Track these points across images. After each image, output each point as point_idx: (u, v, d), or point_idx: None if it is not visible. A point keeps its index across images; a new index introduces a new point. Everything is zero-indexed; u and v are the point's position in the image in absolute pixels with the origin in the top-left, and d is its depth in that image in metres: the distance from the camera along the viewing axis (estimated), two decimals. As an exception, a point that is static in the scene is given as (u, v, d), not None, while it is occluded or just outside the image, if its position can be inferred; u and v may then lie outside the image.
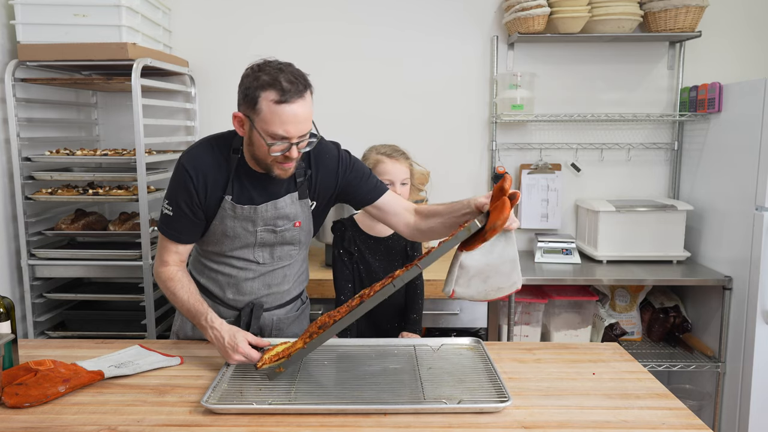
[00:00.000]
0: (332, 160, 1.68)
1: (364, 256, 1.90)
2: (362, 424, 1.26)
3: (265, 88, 1.44)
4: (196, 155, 1.61)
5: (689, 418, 1.29)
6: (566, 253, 2.79)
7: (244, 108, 1.50)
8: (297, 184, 1.64)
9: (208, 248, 1.71)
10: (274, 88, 1.43)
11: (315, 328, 1.44)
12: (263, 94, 1.44)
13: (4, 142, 2.42)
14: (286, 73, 1.46)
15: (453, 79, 2.98)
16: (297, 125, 1.45)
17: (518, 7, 2.68)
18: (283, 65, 1.49)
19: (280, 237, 1.66)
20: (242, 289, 1.72)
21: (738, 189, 2.49)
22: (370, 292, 1.41)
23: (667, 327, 2.85)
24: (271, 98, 1.43)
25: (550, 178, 2.97)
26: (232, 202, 1.59)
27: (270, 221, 1.63)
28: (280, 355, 1.45)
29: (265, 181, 1.61)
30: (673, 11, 2.67)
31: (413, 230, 1.69)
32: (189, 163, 1.59)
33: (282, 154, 1.49)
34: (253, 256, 1.68)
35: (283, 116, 1.43)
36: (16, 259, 2.48)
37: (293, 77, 1.45)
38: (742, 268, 2.45)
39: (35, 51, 2.37)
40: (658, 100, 2.98)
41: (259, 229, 1.63)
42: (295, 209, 1.64)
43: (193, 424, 1.26)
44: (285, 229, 1.65)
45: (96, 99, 2.98)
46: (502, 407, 1.30)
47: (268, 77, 1.44)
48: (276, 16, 2.94)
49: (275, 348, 1.52)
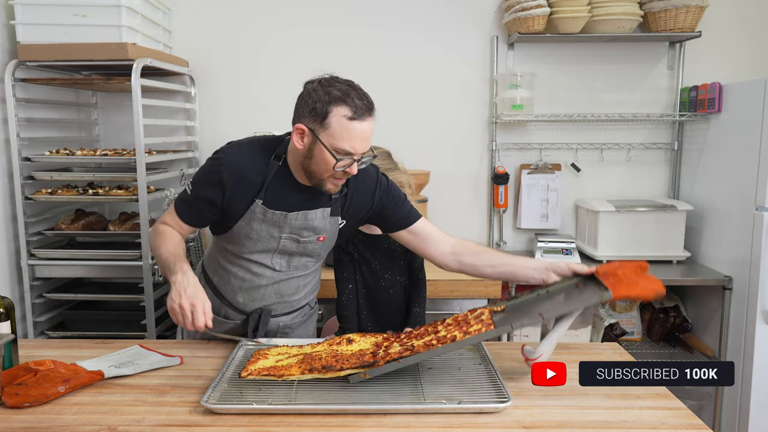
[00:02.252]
0: (371, 182, 1.69)
1: (364, 255, 1.90)
2: (362, 424, 1.25)
3: (338, 103, 1.45)
4: (236, 153, 1.60)
5: (689, 418, 1.29)
6: (566, 253, 2.79)
7: (308, 121, 1.49)
8: (331, 200, 1.64)
9: (227, 247, 1.69)
10: (346, 105, 1.45)
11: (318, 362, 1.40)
12: (335, 109, 1.45)
13: (4, 142, 2.42)
14: (357, 90, 1.48)
15: (453, 80, 2.98)
16: (364, 142, 1.49)
17: (518, 7, 2.68)
18: (350, 82, 1.51)
19: (301, 248, 1.66)
20: (254, 294, 1.71)
21: (738, 189, 2.49)
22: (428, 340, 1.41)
23: (667, 327, 2.85)
24: (343, 114, 1.45)
25: (550, 178, 2.97)
26: (264, 206, 1.58)
27: (296, 230, 1.62)
28: (269, 372, 1.41)
29: (300, 191, 1.61)
30: (673, 11, 2.67)
31: (450, 260, 1.71)
32: (226, 161, 1.58)
33: (343, 170, 1.50)
34: (270, 262, 1.68)
35: (354, 132, 1.46)
36: (16, 259, 2.47)
37: (362, 94, 1.48)
38: (742, 268, 2.45)
39: (35, 51, 2.37)
40: (658, 100, 2.98)
41: (284, 235, 1.62)
42: (323, 224, 1.64)
43: (193, 424, 1.26)
44: (308, 240, 1.65)
45: (96, 99, 2.98)
46: (502, 407, 1.30)
47: (340, 93, 1.46)
48: (276, 16, 2.94)
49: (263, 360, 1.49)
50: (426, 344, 1.38)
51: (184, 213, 1.65)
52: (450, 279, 2.44)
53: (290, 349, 1.56)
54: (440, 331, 1.43)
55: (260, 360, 1.50)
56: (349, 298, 1.89)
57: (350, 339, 1.53)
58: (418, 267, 1.96)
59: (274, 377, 1.40)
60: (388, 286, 1.91)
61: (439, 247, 1.71)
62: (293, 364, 1.43)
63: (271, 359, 1.50)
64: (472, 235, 3.08)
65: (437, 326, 1.48)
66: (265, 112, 2.96)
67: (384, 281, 1.90)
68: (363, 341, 1.52)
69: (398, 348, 1.41)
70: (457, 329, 1.41)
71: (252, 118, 2.94)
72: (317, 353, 1.47)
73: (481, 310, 1.49)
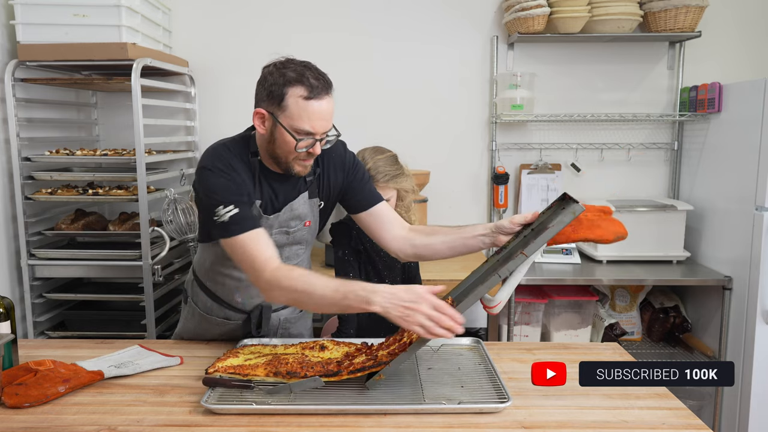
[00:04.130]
0: (339, 158, 1.68)
1: (370, 255, 1.89)
2: (362, 424, 1.26)
3: (293, 84, 1.44)
4: (221, 154, 1.54)
5: (689, 418, 1.29)
6: (566, 253, 2.79)
7: (267, 104, 1.49)
8: (307, 183, 1.63)
9: (220, 250, 1.60)
10: (302, 85, 1.43)
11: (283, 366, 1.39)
12: (291, 90, 1.44)
13: (4, 142, 2.41)
14: (312, 70, 1.47)
15: (453, 80, 2.98)
16: (323, 121, 1.46)
17: (518, 7, 2.68)
18: (306, 63, 1.50)
19: (291, 238, 1.66)
20: (251, 292, 1.69)
21: (738, 189, 2.49)
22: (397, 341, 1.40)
23: (667, 327, 2.85)
24: (299, 94, 1.43)
25: (550, 178, 2.97)
26: (260, 209, 1.56)
27: (284, 223, 1.62)
28: (235, 370, 1.40)
29: (282, 182, 1.59)
30: (673, 11, 2.67)
31: (403, 243, 1.66)
32: (220, 160, 1.52)
33: (306, 150, 1.48)
34: None
35: (311, 112, 1.44)
36: (16, 259, 2.47)
37: (318, 74, 1.47)
38: (742, 268, 2.45)
39: (35, 51, 2.37)
40: (658, 100, 2.98)
41: (275, 231, 1.61)
42: (306, 209, 1.64)
43: (193, 424, 1.26)
44: (297, 229, 1.65)
45: (96, 99, 2.98)
46: (502, 407, 1.30)
47: (295, 74, 1.45)
48: (276, 15, 2.94)
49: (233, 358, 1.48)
50: (390, 353, 1.36)
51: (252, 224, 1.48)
52: (450, 279, 2.43)
53: (263, 348, 1.56)
54: (404, 338, 1.40)
55: (230, 358, 1.49)
56: None
57: (323, 345, 1.53)
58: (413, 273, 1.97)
59: (240, 376, 1.40)
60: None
61: (394, 231, 1.67)
62: (260, 364, 1.43)
63: (241, 357, 1.50)
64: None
65: (402, 333, 1.43)
66: (265, 112, 2.96)
67: (386, 281, 1.91)
68: (335, 349, 1.51)
69: (363, 358, 1.39)
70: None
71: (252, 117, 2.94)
72: (285, 357, 1.47)
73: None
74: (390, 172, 1.86)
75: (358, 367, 1.35)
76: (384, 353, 1.38)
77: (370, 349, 1.47)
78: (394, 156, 1.95)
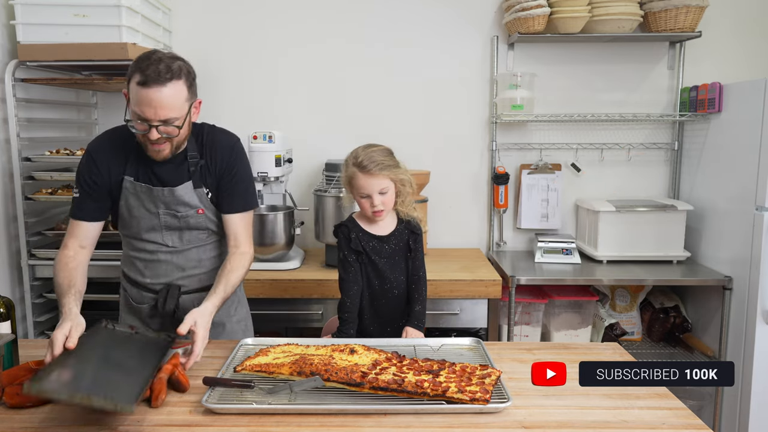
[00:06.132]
0: (224, 150, 1.76)
1: (370, 256, 1.89)
2: (362, 424, 1.25)
3: (134, 72, 1.55)
4: (99, 138, 1.77)
5: (689, 418, 1.29)
6: (566, 253, 2.79)
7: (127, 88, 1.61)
8: (190, 173, 1.72)
9: (125, 233, 1.80)
10: (139, 72, 1.54)
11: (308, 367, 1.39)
12: (132, 76, 1.56)
13: (4, 142, 2.42)
14: (155, 62, 1.54)
15: (453, 80, 2.98)
16: (151, 109, 1.54)
17: (518, 7, 2.68)
18: (162, 54, 1.59)
19: (184, 222, 1.75)
20: (156, 270, 1.79)
21: (738, 189, 2.49)
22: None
23: (667, 327, 2.85)
24: (135, 80, 1.54)
25: (550, 178, 2.97)
26: (132, 180, 1.70)
27: (171, 206, 1.72)
28: (261, 368, 1.43)
29: (162, 167, 1.70)
30: (673, 11, 2.67)
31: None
32: (91, 146, 1.73)
33: (143, 134, 1.59)
34: (162, 239, 1.76)
35: (141, 98, 1.54)
36: (16, 259, 2.47)
37: (158, 66, 1.54)
38: (742, 268, 2.45)
39: (35, 51, 2.37)
40: (658, 100, 2.98)
41: (161, 211, 1.72)
42: (193, 198, 1.73)
43: (193, 424, 1.26)
44: (187, 215, 1.74)
45: (96, 99, 2.98)
46: (502, 407, 1.30)
47: (138, 63, 1.56)
48: (276, 16, 2.94)
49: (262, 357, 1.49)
50: (417, 384, 1.34)
51: (76, 212, 1.73)
52: (450, 279, 2.44)
53: (294, 348, 1.56)
54: (440, 376, 1.38)
55: (259, 356, 1.50)
56: (353, 300, 1.88)
57: (353, 349, 1.51)
58: (419, 264, 1.95)
59: (266, 374, 1.41)
60: (393, 287, 1.90)
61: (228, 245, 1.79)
62: (286, 363, 1.43)
63: (270, 356, 1.50)
64: (472, 235, 3.08)
65: (444, 365, 1.43)
66: (264, 112, 2.96)
67: (389, 283, 1.90)
68: (365, 355, 1.49)
69: (390, 377, 1.36)
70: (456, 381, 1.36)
71: (252, 118, 2.95)
72: (312, 357, 1.46)
73: (490, 371, 1.42)
74: (384, 161, 1.82)
75: (382, 386, 1.33)
76: (412, 381, 1.35)
77: (401, 364, 1.44)
78: (389, 150, 1.90)
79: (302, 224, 2.66)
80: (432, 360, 1.46)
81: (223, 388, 1.38)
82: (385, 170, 1.82)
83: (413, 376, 1.38)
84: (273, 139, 2.53)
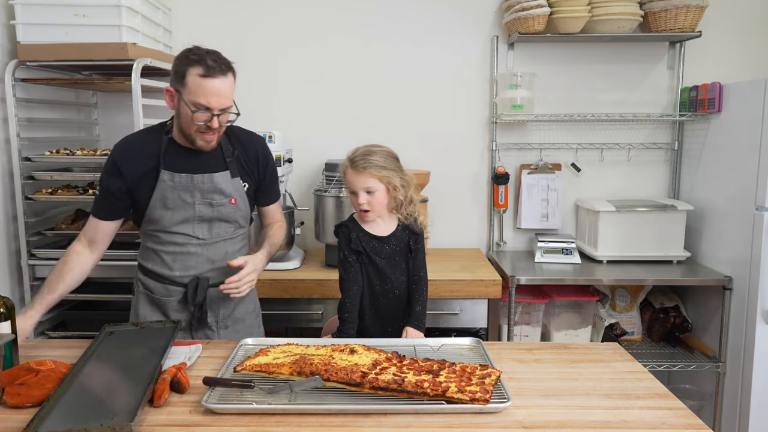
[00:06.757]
0: (256, 148, 1.89)
1: (371, 256, 1.89)
2: (362, 424, 1.26)
3: (193, 64, 1.65)
4: (125, 140, 1.82)
5: (689, 418, 1.29)
6: (566, 253, 2.79)
7: (173, 83, 1.70)
8: (227, 163, 1.80)
9: (152, 229, 1.82)
10: (200, 65, 1.64)
11: (308, 367, 1.39)
12: (190, 69, 1.65)
13: (4, 142, 2.42)
14: (212, 54, 1.68)
15: (453, 80, 2.98)
16: (217, 97, 1.66)
17: (518, 7, 2.68)
18: (210, 50, 1.70)
19: (217, 212, 1.80)
20: (186, 262, 1.82)
21: (738, 189, 2.49)
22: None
23: (667, 327, 2.85)
24: (197, 72, 1.64)
25: (550, 178, 2.97)
26: (170, 172, 1.75)
27: (207, 195, 1.78)
28: (261, 368, 1.42)
29: (195, 155, 1.77)
30: (673, 11, 2.67)
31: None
32: (116, 149, 1.79)
33: (204, 124, 1.68)
34: (192, 231, 1.80)
35: (206, 88, 1.64)
36: (16, 259, 2.47)
37: (218, 58, 1.68)
38: (742, 268, 2.45)
39: (35, 51, 2.37)
40: (658, 100, 2.98)
41: (197, 200, 1.77)
42: (229, 186, 1.80)
43: (193, 424, 1.26)
44: (221, 204, 1.80)
45: (96, 99, 2.98)
46: (502, 407, 1.30)
47: (196, 57, 1.66)
48: (276, 16, 2.94)
49: (262, 357, 1.49)
50: (417, 383, 1.34)
51: (95, 211, 1.82)
52: (450, 279, 2.44)
53: (294, 348, 1.56)
54: (440, 376, 1.38)
55: (259, 356, 1.50)
56: (353, 300, 1.88)
57: (353, 349, 1.51)
58: (420, 264, 1.95)
59: (266, 374, 1.41)
60: (394, 287, 1.90)
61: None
62: (286, 363, 1.43)
63: (270, 356, 1.50)
64: (472, 235, 3.08)
65: (444, 365, 1.43)
66: (264, 112, 2.96)
67: (389, 283, 1.90)
68: (365, 355, 1.49)
69: (389, 377, 1.36)
70: (456, 381, 1.36)
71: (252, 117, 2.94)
72: (312, 357, 1.46)
73: (490, 371, 1.42)
74: (377, 161, 1.80)
75: (382, 386, 1.33)
76: (412, 381, 1.35)
77: (401, 364, 1.44)
78: (391, 153, 1.88)
79: (302, 224, 2.66)
80: (432, 360, 1.47)
81: (223, 388, 1.38)
82: (373, 169, 1.80)
83: (413, 376, 1.38)
84: (273, 139, 2.53)
